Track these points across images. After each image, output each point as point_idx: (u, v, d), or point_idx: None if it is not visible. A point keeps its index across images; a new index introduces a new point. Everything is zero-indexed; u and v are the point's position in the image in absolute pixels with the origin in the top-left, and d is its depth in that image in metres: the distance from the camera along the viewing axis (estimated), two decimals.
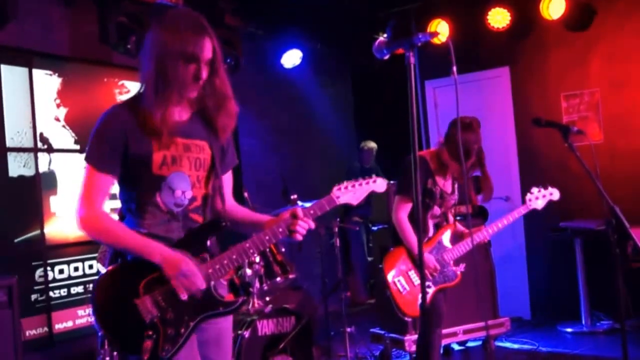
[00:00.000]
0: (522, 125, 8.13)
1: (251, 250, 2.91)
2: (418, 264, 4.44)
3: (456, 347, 6.86)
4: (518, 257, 8.05)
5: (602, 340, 6.90)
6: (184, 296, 2.76)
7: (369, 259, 9.52)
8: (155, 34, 2.79)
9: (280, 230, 2.93)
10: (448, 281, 4.79)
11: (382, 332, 6.54)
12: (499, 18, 7.83)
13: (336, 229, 6.49)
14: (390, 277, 4.73)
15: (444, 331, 6.15)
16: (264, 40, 8.52)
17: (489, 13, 7.81)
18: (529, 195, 4.94)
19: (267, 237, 2.93)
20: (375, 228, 7.61)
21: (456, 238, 4.90)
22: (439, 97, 8.95)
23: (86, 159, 2.81)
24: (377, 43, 2.74)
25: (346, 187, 3.12)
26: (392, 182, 6.57)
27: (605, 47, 7.61)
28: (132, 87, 7.08)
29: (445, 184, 4.84)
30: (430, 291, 4.69)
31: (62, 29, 6.44)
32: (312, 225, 2.97)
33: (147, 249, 2.74)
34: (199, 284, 2.75)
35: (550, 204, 5.01)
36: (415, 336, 6.19)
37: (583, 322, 7.29)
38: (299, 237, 2.94)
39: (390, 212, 6.44)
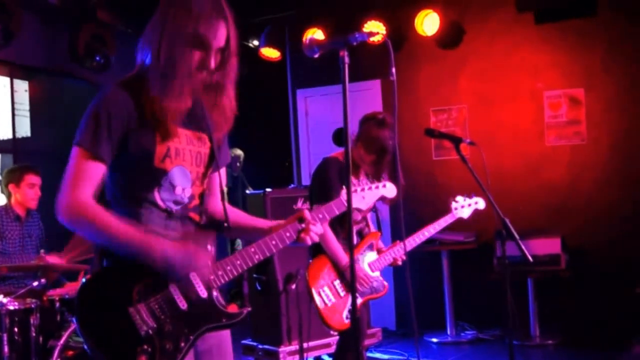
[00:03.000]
0: None
1: (257, 256, 2.63)
2: (349, 274, 4.30)
3: (326, 358, 6.83)
4: (385, 268, 8.12)
5: (466, 350, 7.11)
6: (184, 305, 2.47)
7: None
8: (165, 8, 2.49)
9: (288, 235, 2.68)
10: (375, 292, 4.60)
11: (254, 343, 6.40)
12: (369, 30, 7.90)
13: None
14: (314, 288, 4.43)
15: (315, 342, 6.12)
16: (135, 40, 8.18)
17: (365, 25, 7.86)
18: (454, 204, 4.82)
19: (273, 242, 2.66)
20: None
21: (378, 250, 4.72)
22: (310, 106, 8.94)
23: (77, 142, 2.43)
24: (308, 41, 2.62)
25: (355, 192, 2.97)
26: (261, 191, 6.54)
27: (474, 65, 7.86)
28: None
29: (360, 181, 4.69)
30: (358, 302, 4.43)
31: None
32: (322, 229, 2.75)
33: (145, 242, 2.40)
34: (209, 274, 2.49)
35: (412, 215, 4.95)
36: (290, 347, 6.11)
37: (448, 332, 7.47)
38: (309, 242, 2.70)
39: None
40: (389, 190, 3.14)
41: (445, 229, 7.27)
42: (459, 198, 4.86)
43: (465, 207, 4.86)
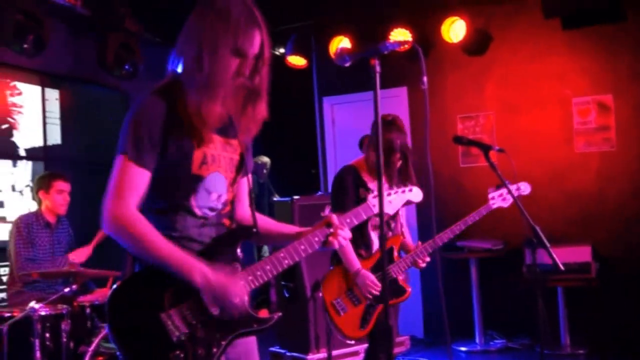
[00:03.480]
0: (418, 144, 8.21)
1: (286, 261, 2.63)
2: (358, 280, 4.30)
3: None
4: (412, 276, 8.10)
5: (495, 359, 7.03)
6: (216, 311, 2.48)
7: None
8: (202, 17, 2.52)
9: (317, 239, 2.69)
10: (395, 297, 4.52)
11: (282, 351, 6.40)
12: (400, 38, 7.89)
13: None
14: (328, 298, 4.40)
15: (343, 350, 6.11)
16: (162, 48, 8.23)
17: (391, 33, 7.86)
18: (492, 194, 4.61)
19: (302, 247, 2.67)
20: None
21: (405, 250, 4.64)
22: (336, 113, 8.95)
23: (121, 151, 2.44)
24: (339, 50, 2.63)
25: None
26: (288, 198, 6.55)
27: (501, 71, 7.83)
28: (24, 89, 6.70)
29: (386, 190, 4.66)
30: (377, 309, 4.41)
31: None
32: (349, 234, 2.75)
33: (186, 264, 2.40)
34: (244, 304, 2.47)
35: (439, 222, 4.84)
36: (318, 355, 6.10)
37: (477, 340, 7.42)
38: (336, 246, 2.71)
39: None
40: (415, 194, 3.14)
41: (474, 237, 7.37)
42: (491, 190, 4.65)
43: (504, 195, 4.62)
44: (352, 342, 4.45)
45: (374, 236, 4.59)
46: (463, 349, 7.35)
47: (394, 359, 6.69)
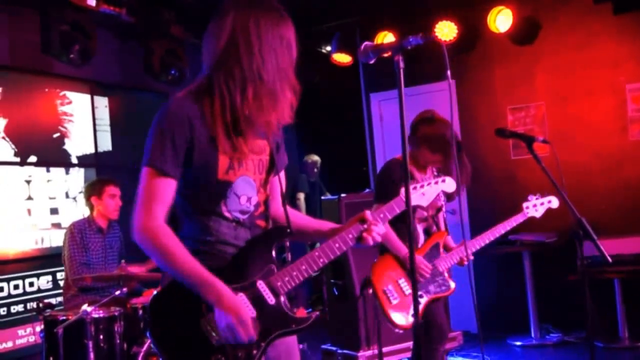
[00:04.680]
0: (468, 138, 8.14)
1: (321, 259, 2.64)
2: (409, 269, 4.28)
3: None
4: (465, 270, 8.00)
5: (551, 353, 6.94)
6: (253, 313, 2.49)
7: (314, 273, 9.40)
8: (263, 28, 2.51)
9: (351, 236, 2.69)
10: (441, 292, 4.54)
11: (334, 348, 6.42)
12: (446, 31, 7.82)
13: (287, 243, 6.35)
14: (379, 286, 4.41)
15: (394, 347, 6.09)
16: None
17: (436, 26, 7.79)
18: (526, 203, 4.75)
19: (337, 245, 2.68)
20: None
21: (446, 248, 4.68)
22: (384, 110, 8.92)
23: (145, 162, 2.47)
24: (363, 47, 2.62)
25: (415, 189, 3.00)
26: (335, 196, 6.57)
27: (551, 60, 7.69)
28: (74, 98, 6.85)
29: (427, 179, 4.66)
30: (423, 301, 4.43)
31: (2, 37, 6.18)
32: (384, 229, 2.75)
33: (204, 283, 2.41)
34: (251, 335, 2.42)
35: (491, 215, 4.86)
36: (369, 352, 6.11)
37: (532, 335, 7.32)
38: (371, 242, 2.70)
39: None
40: (448, 184, 3.11)
41: (526, 230, 7.26)
42: (531, 197, 4.78)
43: (537, 206, 4.77)
44: (401, 331, 4.42)
45: (420, 229, 4.64)
46: (518, 343, 7.26)
47: (447, 355, 6.65)
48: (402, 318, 4.39)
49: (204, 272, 2.43)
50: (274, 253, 2.63)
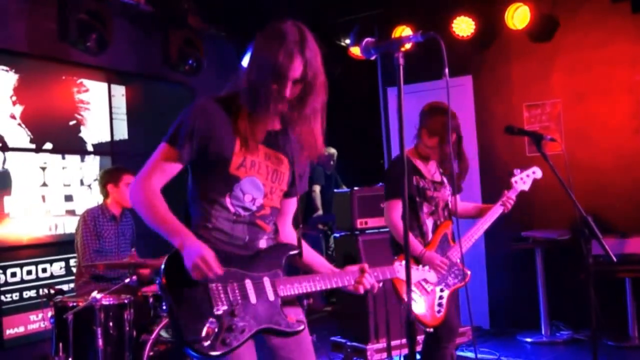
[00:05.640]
0: (483, 134, 8.15)
1: (319, 284, 2.92)
2: (423, 261, 4.30)
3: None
4: (478, 266, 8.04)
5: (561, 350, 6.93)
6: (254, 299, 2.72)
7: None
8: (256, 41, 2.77)
9: (347, 278, 2.98)
10: (459, 282, 4.54)
11: (343, 340, 6.45)
12: (463, 27, 7.82)
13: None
14: (401, 287, 4.36)
15: (403, 340, 6.08)
16: (225, 42, 8.38)
17: (454, 21, 7.79)
18: (514, 178, 4.80)
19: (335, 279, 2.96)
20: (337, 235, 7.50)
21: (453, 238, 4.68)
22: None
23: (165, 139, 2.77)
24: (364, 43, 2.64)
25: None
26: (348, 189, 6.58)
27: (568, 58, 7.65)
28: (91, 86, 6.91)
29: (432, 172, 4.69)
30: (446, 295, 4.46)
31: (19, 24, 6.24)
32: (374, 284, 3.03)
33: (173, 231, 2.64)
34: (216, 270, 2.57)
35: (511, 213, 4.86)
36: (378, 345, 6.13)
37: (542, 331, 7.32)
38: (361, 291, 2.99)
39: (352, 220, 6.42)
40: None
41: (539, 227, 7.25)
42: (517, 171, 4.84)
43: (524, 178, 4.82)
44: (431, 329, 4.43)
45: (430, 223, 4.64)
46: (528, 339, 7.26)
47: (456, 350, 6.66)
48: (429, 316, 4.41)
49: (175, 223, 2.67)
50: (283, 262, 2.90)
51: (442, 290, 4.47)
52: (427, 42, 2.63)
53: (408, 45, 2.58)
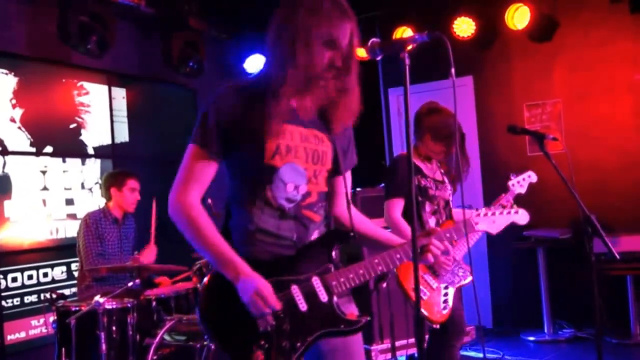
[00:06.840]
0: (484, 134, 8.16)
1: (380, 267, 2.65)
2: (413, 266, 4.26)
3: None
4: (480, 265, 8.03)
5: (564, 349, 6.94)
6: (304, 307, 2.53)
7: None
8: (289, 11, 2.57)
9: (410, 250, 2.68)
10: (463, 279, 4.51)
11: None
12: (464, 27, 7.81)
13: None
14: (407, 285, 4.37)
15: (407, 341, 6.06)
16: (227, 44, 8.36)
17: (455, 22, 7.78)
18: (511, 181, 4.74)
19: (398, 256, 2.69)
20: None
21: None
22: (402, 105, 8.88)
23: (191, 140, 2.59)
24: (370, 43, 2.61)
25: (486, 215, 3.03)
26: (354, 189, 6.57)
27: (568, 58, 7.66)
28: (91, 88, 6.89)
29: (434, 171, 4.67)
30: (451, 293, 4.44)
31: (20, 27, 6.22)
32: (449, 247, 2.77)
33: (225, 260, 2.49)
34: (274, 304, 2.44)
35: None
36: (382, 346, 6.11)
37: (545, 330, 7.32)
38: (431, 259, 2.72)
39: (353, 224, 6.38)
40: (521, 216, 3.18)
41: (541, 226, 7.23)
42: (513, 176, 4.78)
43: (520, 182, 4.76)
44: (437, 326, 4.42)
45: (432, 222, 4.62)
46: (531, 338, 7.28)
47: (460, 349, 6.64)
48: (435, 312, 4.39)
49: (226, 250, 2.51)
50: (334, 254, 2.64)
51: (446, 287, 4.46)
52: (427, 43, 2.61)
53: (409, 47, 2.52)
